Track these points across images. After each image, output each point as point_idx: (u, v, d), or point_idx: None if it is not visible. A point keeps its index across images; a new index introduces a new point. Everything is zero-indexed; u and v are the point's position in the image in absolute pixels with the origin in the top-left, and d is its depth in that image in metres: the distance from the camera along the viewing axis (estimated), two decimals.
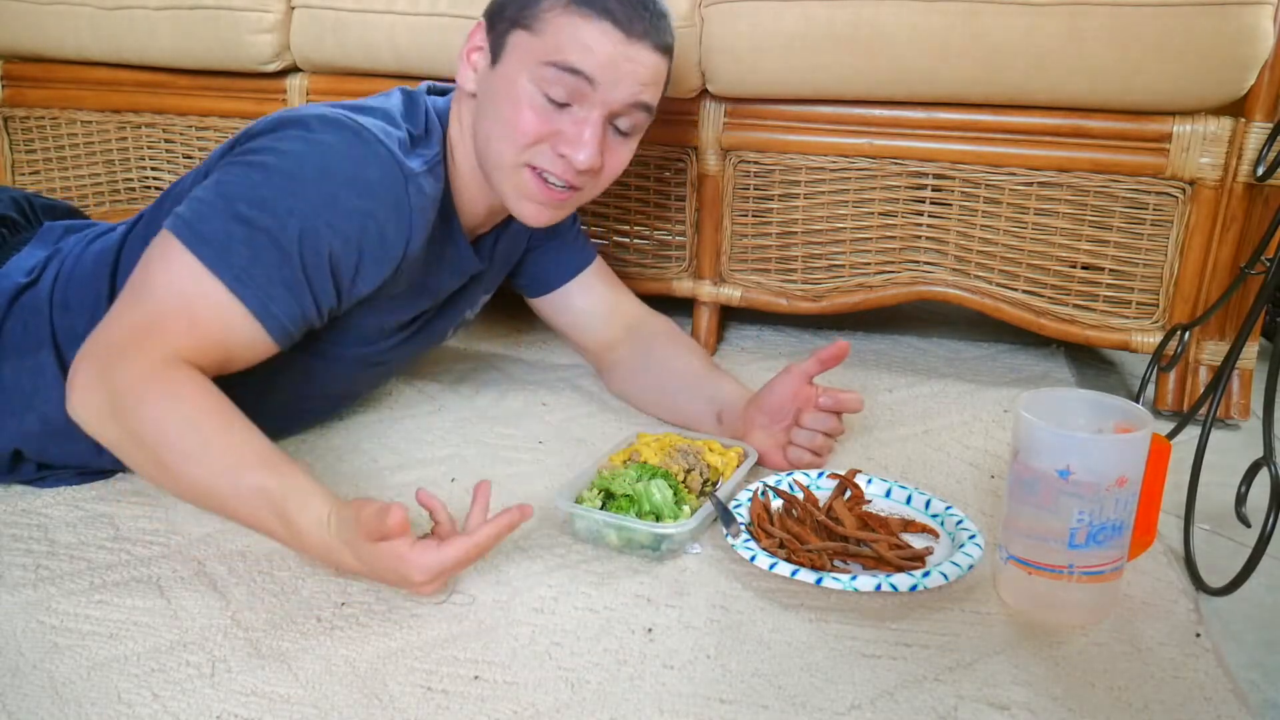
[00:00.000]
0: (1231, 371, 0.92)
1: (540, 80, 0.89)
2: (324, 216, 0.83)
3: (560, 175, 0.92)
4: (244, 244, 0.81)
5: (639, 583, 0.81)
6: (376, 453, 1.06)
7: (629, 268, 1.43)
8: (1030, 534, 0.76)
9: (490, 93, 0.92)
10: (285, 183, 0.82)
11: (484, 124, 0.93)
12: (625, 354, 1.19)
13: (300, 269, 0.83)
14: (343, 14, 1.38)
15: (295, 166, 0.83)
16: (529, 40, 0.89)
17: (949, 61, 1.16)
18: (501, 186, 0.95)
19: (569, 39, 0.88)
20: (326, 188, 0.83)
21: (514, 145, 0.91)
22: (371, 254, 0.88)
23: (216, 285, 0.80)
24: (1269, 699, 0.70)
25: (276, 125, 0.87)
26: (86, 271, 0.94)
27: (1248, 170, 1.13)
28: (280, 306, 0.83)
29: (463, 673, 0.69)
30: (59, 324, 0.92)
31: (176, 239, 0.81)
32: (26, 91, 1.61)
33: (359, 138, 0.85)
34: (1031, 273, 1.26)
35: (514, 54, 0.90)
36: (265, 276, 0.81)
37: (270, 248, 0.81)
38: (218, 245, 0.80)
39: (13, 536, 0.87)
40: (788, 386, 1.00)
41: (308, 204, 0.82)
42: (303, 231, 0.82)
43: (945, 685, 0.69)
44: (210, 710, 0.65)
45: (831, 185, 1.31)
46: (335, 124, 0.85)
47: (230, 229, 0.81)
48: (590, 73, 0.88)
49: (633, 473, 0.89)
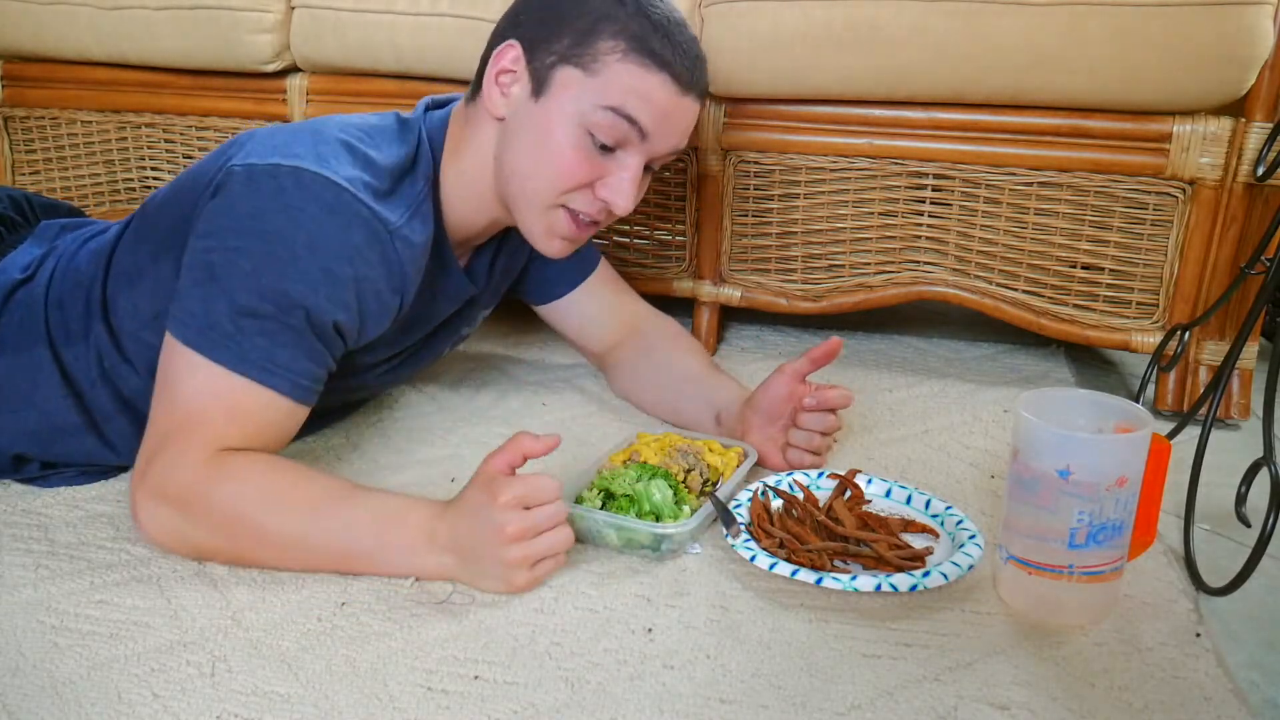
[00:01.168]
0: (1231, 371, 0.92)
1: (592, 124, 0.87)
2: (323, 292, 0.82)
3: (594, 216, 0.92)
4: (258, 335, 0.80)
5: (639, 583, 0.81)
6: (376, 453, 1.06)
7: (629, 268, 1.43)
8: (1030, 534, 0.76)
9: (529, 126, 0.89)
10: (277, 267, 0.80)
11: (516, 157, 0.91)
12: (627, 354, 1.19)
13: (315, 341, 0.84)
14: (343, 14, 1.38)
15: (283, 248, 0.80)
16: (583, 80, 0.87)
17: (949, 61, 1.16)
18: (527, 220, 0.93)
19: (629, 87, 0.87)
20: (318, 262, 0.81)
21: (554, 188, 0.90)
22: (372, 315, 0.88)
23: (245, 383, 0.80)
24: (1269, 699, 0.70)
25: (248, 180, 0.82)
26: (81, 270, 0.94)
27: (1248, 170, 1.13)
28: (307, 379, 0.84)
29: (463, 673, 0.69)
30: (53, 320, 0.93)
31: (190, 349, 0.80)
32: (26, 91, 1.61)
33: (338, 199, 0.82)
34: (1031, 273, 1.26)
35: (564, 91, 0.88)
36: (288, 357, 0.82)
37: (283, 331, 0.81)
38: (234, 346, 0.80)
39: (13, 536, 0.87)
40: (781, 387, 0.99)
41: (305, 284, 0.81)
42: (308, 311, 0.82)
43: (945, 685, 0.69)
44: (210, 710, 0.65)
45: (831, 185, 1.31)
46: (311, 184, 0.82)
47: (240, 325, 0.80)
48: (645, 124, 0.88)
49: (633, 473, 0.89)
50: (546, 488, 0.77)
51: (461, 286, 1.01)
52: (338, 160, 0.84)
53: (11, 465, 0.95)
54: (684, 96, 0.90)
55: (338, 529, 0.79)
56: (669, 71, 0.87)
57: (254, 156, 0.83)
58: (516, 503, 0.75)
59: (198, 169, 0.91)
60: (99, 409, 0.93)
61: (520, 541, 0.76)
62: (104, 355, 0.92)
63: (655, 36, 0.87)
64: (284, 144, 0.84)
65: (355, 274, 0.84)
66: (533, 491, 0.76)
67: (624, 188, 0.90)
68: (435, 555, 0.78)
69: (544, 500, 0.77)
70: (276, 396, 0.81)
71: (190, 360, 0.80)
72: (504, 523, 0.75)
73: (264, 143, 0.85)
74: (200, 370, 0.80)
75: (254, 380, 0.80)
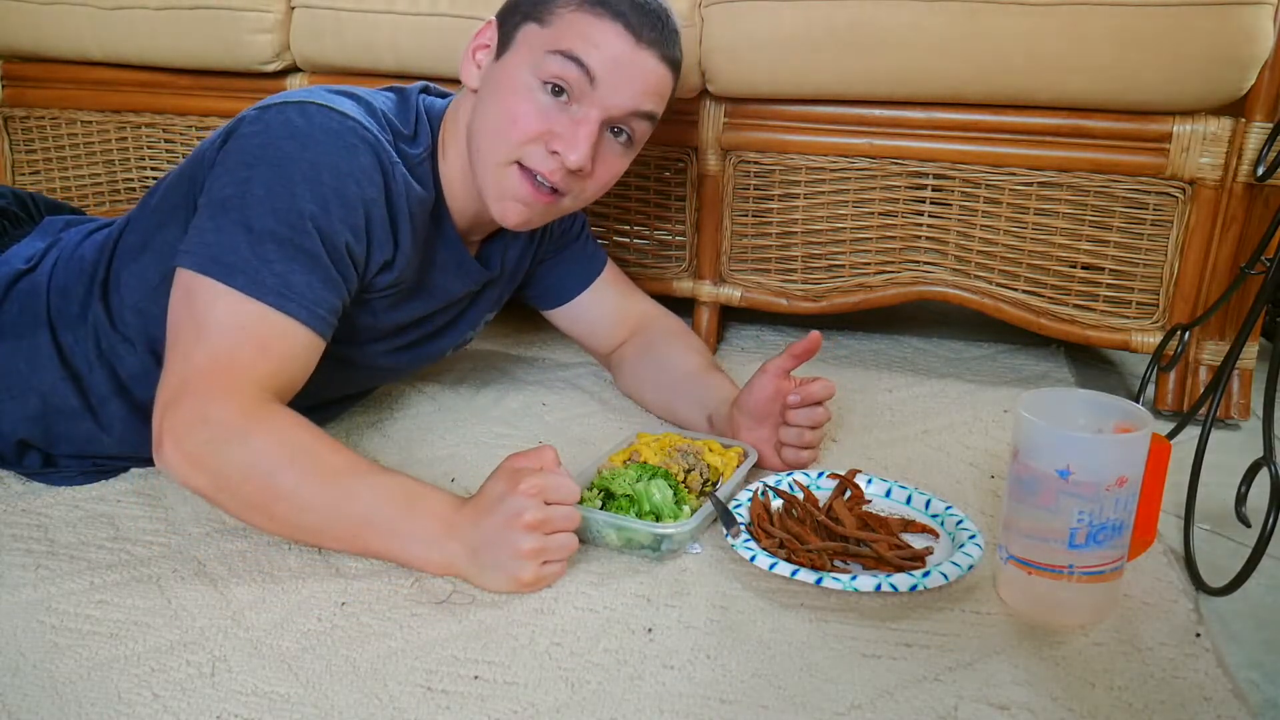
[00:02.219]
0: (1231, 371, 0.92)
1: (542, 70, 0.88)
2: (334, 212, 0.83)
3: (548, 175, 0.90)
4: (276, 260, 0.81)
5: (639, 583, 0.81)
6: (376, 452, 1.06)
7: (629, 268, 1.43)
8: (1030, 534, 0.76)
9: (492, 85, 0.92)
10: (288, 186, 0.82)
11: (480, 119, 0.92)
12: (630, 352, 1.19)
13: (330, 265, 0.84)
14: (343, 14, 1.38)
15: (294, 169, 0.83)
16: (538, 32, 0.90)
17: (949, 61, 1.16)
18: (484, 182, 0.93)
19: (578, 33, 0.88)
20: (328, 181, 0.83)
21: (507, 141, 0.90)
22: (378, 241, 0.89)
23: (265, 309, 0.80)
24: (1269, 699, 0.70)
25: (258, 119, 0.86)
26: (85, 258, 0.95)
27: (1248, 170, 1.13)
28: (324, 307, 0.84)
29: (463, 673, 0.69)
30: (54, 305, 0.93)
31: (207, 277, 0.80)
32: (26, 91, 1.61)
33: (343, 125, 0.85)
34: (1031, 273, 1.26)
35: (521, 46, 0.91)
36: (304, 283, 0.82)
37: (299, 254, 0.82)
38: (250, 271, 0.80)
39: (13, 536, 0.87)
40: (765, 387, 0.99)
41: (316, 202, 0.82)
42: (320, 231, 0.83)
43: (945, 685, 0.69)
44: (210, 710, 0.65)
45: (831, 185, 1.31)
46: (317, 114, 0.85)
47: (256, 250, 0.80)
48: (593, 68, 0.88)
49: (633, 473, 0.89)
50: (568, 488, 0.78)
51: (468, 264, 1.02)
52: (343, 104, 0.87)
53: (15, 454, 0.96)
54: (639, 50, 0.89)
55: (362, 498, 0.78)
56: (621, 21, 0.88)
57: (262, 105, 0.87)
58: (537, 492, 0.76)
59: (198, 151, 0.92)
60: (95, 391, 0.93)
61: (534, 532, 0.76)
62: (101, 336, 0.92)
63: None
64: (291, 92, 0.89)
65: (363, 195, 0.85)
66: (554, 486, 0.77)
67: (576, 139, 0.89)
68: (448, 545, 0.78)
69: (563, 499, 0.77)
70: (293, 323, 0.81)
71: (209, 289, 0.80)
72: (522, 509, 0.75)
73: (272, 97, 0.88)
74: (221, 299, 0.80)
75: (270, 305, 0.80)
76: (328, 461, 0.79)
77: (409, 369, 1.13)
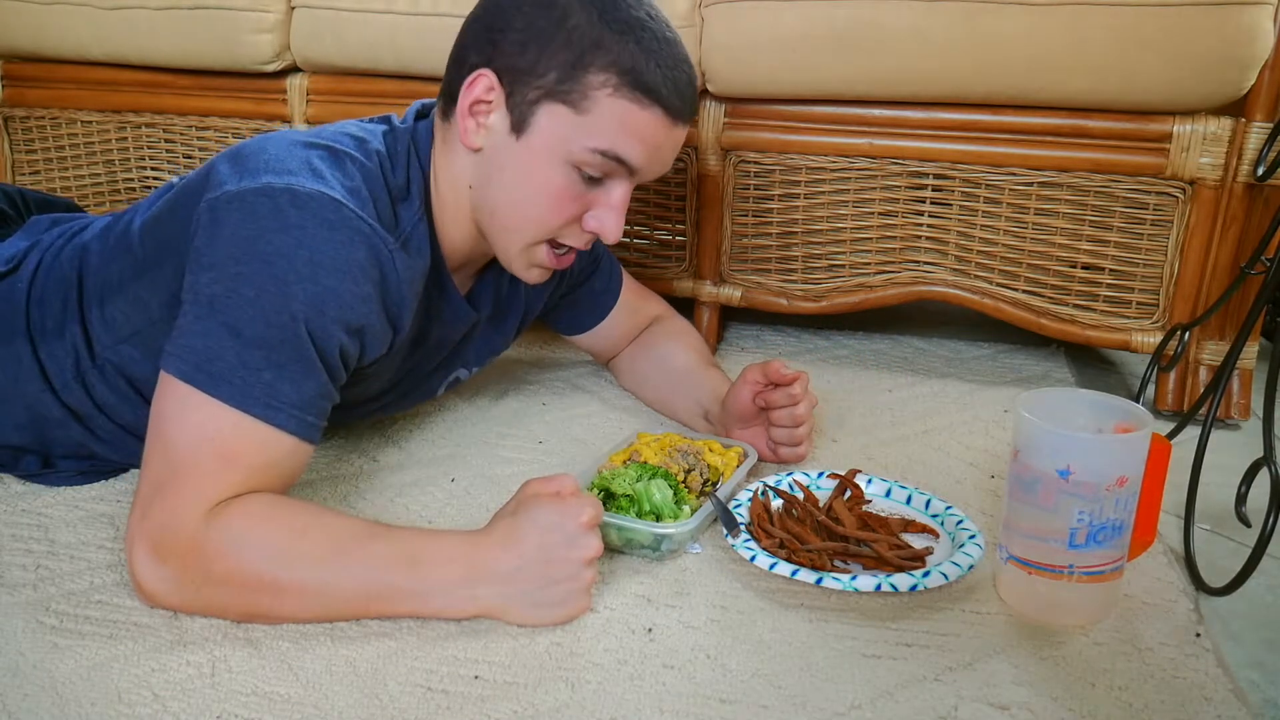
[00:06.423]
0: (1231, 371, 0.92)
1: (578, 159, 0.83)
2: (329, 313, 0.77)
3: (581, 247, 0.91)
4: (264, 368, 0.75)
5: (639, 583, 0.81)
6: (376, 452, 1.06)
7: (630, 268, 1.43)
8: (1030, 534, 0.76)
9: (511, 164, 0.85)
10: (280, 287, 0.75)
11: (498, 195, 0.87)
12: (631, 350, 1.21)
13: (321, 370, 0.79)
14: (343, 14, 1.38)
15: (285, 266, 0.75)
16: (570, 118, 0.83)
17: (949, 61, 1.16)
18: (508, 255, 0.90)
19: (619, 126, 0.83)
20: (322, 280, 0.77)
21: (540, 228, 0.87)
22: (372, 337, 0.84)
23: (243, 419, 0.74)
24: (1269, 699, 0.70)
25: (242, 205, 0.77)
26: (63, 267, 0.92)
27: (1248, 170, 1.13)
28: (313, 412, 0.78)
29: (463, 673, 0.69)
30: (33, 316, 0.91)
31: (187, 385, 0.74)
32: (26, 91, 1.61)
33: (338, 215, 0.78)
34: (1031, 273, 1.26)
35: (550, 130, 0.83)
36: (292, 391, 0.76)
37: (289, 361, 0.76)
38: (237, 381, 0.74)
39: (13, 536, 0.87)
40: (744, 392, 1.00)
41: (308, 304, 0.76)
42: (313, 335, 0.77)
43: (945, 685, 0.69)
44: (210, 710, 0.65)
45: (831, 185, 1.31)
46: (308, 201, 0.77)
47: (243, 357, 0.74)
48: (636, 163, 0.85)
49: (633, 473, 0.89)
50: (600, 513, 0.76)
51: (462, 313, 0.98)
52: (333, 175, 0.80)
53: (11, 458, 0.95)
54: (675, 129, 0.86)
55: (361, 571, 0.73)
56: (662, 105, 0.83)
57: (246, 179, 0.78)
58: (592, 525, 0.74)
59: (182, 190, 0.87)
60: (76, 406, 0.92)
61: (594, 566, 0.75)
62: (80, 358, 0.90)
63: (648, 66, 0.82)
64: (274, 160, 0.79)
65: (359, 291, 0.79)
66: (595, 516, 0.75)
67: (611, 221, 0.87)
68: (476, 590, 0.74)
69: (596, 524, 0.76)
70: (277, 433, 0.75)
71: (186, 398, 0.74)
72: (587, 545, 0.73)
73: (253, 159, 0.80)
74: (194, 409, 0.74)
75: (255, 417, 0.74)
76: (310, 544, 0.73)
77: (395, 411, 1.11)
